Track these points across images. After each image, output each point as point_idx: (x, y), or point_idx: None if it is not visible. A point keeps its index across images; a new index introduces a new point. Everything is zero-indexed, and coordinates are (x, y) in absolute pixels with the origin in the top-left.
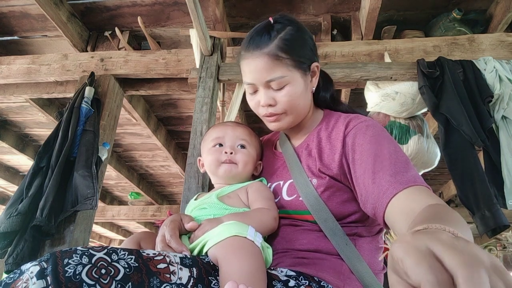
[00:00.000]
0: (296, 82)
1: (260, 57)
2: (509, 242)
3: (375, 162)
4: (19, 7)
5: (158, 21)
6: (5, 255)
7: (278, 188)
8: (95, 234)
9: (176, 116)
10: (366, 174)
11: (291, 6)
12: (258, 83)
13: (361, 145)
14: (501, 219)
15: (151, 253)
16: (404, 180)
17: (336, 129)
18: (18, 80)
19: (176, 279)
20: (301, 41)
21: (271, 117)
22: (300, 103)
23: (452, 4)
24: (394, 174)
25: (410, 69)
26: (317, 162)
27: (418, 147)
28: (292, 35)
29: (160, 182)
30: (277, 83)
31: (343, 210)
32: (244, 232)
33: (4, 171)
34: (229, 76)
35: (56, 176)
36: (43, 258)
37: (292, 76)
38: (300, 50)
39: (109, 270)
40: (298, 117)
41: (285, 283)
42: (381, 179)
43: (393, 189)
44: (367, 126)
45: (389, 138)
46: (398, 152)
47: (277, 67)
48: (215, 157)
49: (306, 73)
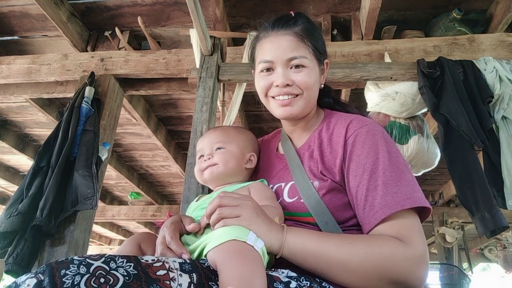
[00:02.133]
0: (313, 69)
1: (286, 35)
2: (509, 242)
3: (370, 179)
4: (19, 7)
5: (158, 21)
6: (5, 255)
7: (279, 190)
8: (95, 234)
9: (176, 116)
10: (360, 189)
11: (291, 6)
12: (279, 60)
13: (359, 156)
14: (500, 221)
15: (150, 259)
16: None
17: (336, 131)
18: (18, 80)
19: (176, 285)
20: (319, 35)
21: (284, 99)
22: (314, 90)
23: (452, 4)
24: (384, 195)
25: (410, 69)
26: (319, 164)
27: (418, 147)
28: (313, 27)
29: (160, 182)
30: (298, 62)
31: (344, 213)
32: (243, 236)
33: (4, 171)
34: (229, 76)
35: (56, 176)
36: (39, 270)
37: (312, 60)
38: (319, 41)
39: (108, 279)
40: (309, 106)
41: (287, 285)
42: (374, 199)
43: (381, 214)
44: (367, 132)
45: (386, 147)
46: (393, 166)
47: (301, 47)
48: (197, 168)
49: (320, 66)
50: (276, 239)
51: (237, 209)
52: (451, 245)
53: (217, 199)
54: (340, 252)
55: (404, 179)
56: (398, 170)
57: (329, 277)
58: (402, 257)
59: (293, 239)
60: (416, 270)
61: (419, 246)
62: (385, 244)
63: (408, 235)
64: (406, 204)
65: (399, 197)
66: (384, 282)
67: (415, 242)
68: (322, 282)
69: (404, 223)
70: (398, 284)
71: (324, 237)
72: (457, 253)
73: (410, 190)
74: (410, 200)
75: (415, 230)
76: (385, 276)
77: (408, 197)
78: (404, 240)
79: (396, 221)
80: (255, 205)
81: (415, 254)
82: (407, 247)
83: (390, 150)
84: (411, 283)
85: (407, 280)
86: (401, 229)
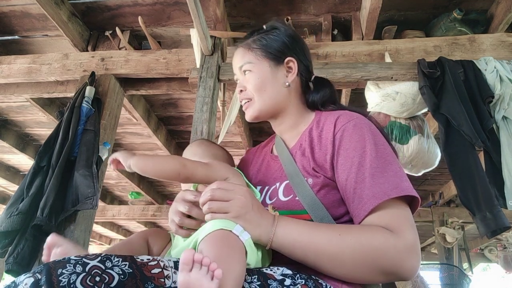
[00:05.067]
0: (263, 69)
1: (239, 48)
2: (510, 242)
3: (358, 172)
4: (20, 7)
5: (159, 21)
6: (5, 254)
7: (274, 190)
8: (96, 233)
9: (177, 115)
10: (348, 182)
11: (291, 6)
12: (236, 72)
13: (346, 150)
14: (502, 221)
15: (145, 258)
16: (379, 194)
17: (326, 128)
18: (18, 80)
19: (171, 283)
20: (276, 37)
21: (244, 104)
22: (266, 90)
23: (453, 4)
24: (372, 186)
25: (410, 69)
26: (311, 162)
27: (419, 147)
28: (269, 33)
29: (160, 181)
30: (245, 68)
31: (338, 209)
32: (230, 226)
33: (5, 170)
34: (229, 76)
35: (57, 175)
36: (37, 270)
37: (260, 63)
38: (272, 43)
39: (103, 278)
40: (266, 106)
41: (281, 282)
42: (362, 191)
43: (369, 204)
44: (354, 126)
45: (374, 140)
46: (380, 158)
47: (247, 54)
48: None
49: (277, 65)
50: (265, 232)
51: (227, 205)
52: (451, 245)
53: (209, 191)
54: (329, 244)
55: (391, 169)
56: (386, 161)
57: (319, 268)
58: (392, 247)
59: (282, 232)
60: (406, 260)
61: (409, 236)
62: (375, 234)
63: (398, 225)
64: (392, 193)
65: (385, 187)
66: (375, 273)
67: (405, 232)
68: (319, 280)
69: (393, 213)
70: (389, 274)
71: (314, 228)
72: (457, 253)
73: (398, 180)
74: (397, 189)
75: (405, 220)
76: (375, 267)
77: (395, 187)
78: (394, 230)
79: (386, 211)
80: (247, 199)
81: (405, 244)
82: (397, 237)
83: (377, 142)
84: (402, 273)
85: (398, 271)
86: (391, 219)
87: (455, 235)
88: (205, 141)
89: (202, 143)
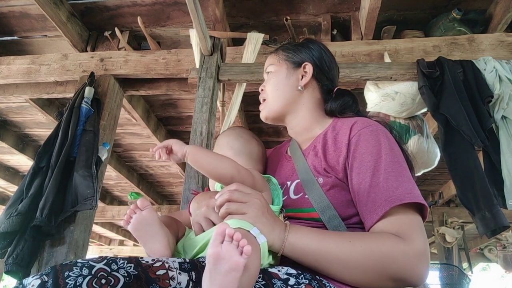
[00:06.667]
0: (280, 71)
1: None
2: (509, 242)
3: (373, 176)
4: (19, 7)
5: (158, 21)
6: (5, 255)
7: (286, 189)
8: (95, 234)
9: (176, 116)
10: (362, 186)
11: (291, 6)
12: (264, 74)
13: (362, 154)
14: (501, 220)
15: (150, 260)
16: (393, 198)
17: (341, 132)
18: (18, 80)
19: (176, 284)
20: (302, 46)
21: (261, 105)
22: (278, 90)
23: (452, 4)
24: (386, 191)
25: (410, 69)
26: (323, 162)
27: (418, 147)
28: (298, 43)
29: (160, 182)
30: (268, 69)
31: (347, 210)
32: (249, 227)
33: (4, 171)
34: (229, 76)
35: (56, 176)
36: (44, 272)
37: (280, 65)
38: (296, 50)
39: (109, 280)
40: (275, 105)
41: (285, 281)
42: (376, 195)
43: (383, 208)
44: (371, 132)
45: (389, 146)
46: (395, 163)
47: (272, 58)
48: None
49: (294, 68)
50: (278, 238)
51: (245, 207)
52: (451, 245)
53: (227, 193)
54: (339, 250)
55: (406, 175)
56: (400, 167)
57: (330, 274)
58: (401, 253)
59: (294, 238)
60: (416, 267)
61: (419, 242)
62: (385, 241)
63: (408, 232)
64: (406, 198)
65: (399, 192)
66: (384, 279)
67: (415, 239)
68: (322, 280)
69: (405, 220)
70: (398, 281)
71: (325, 235)
72: (457, 253)
73: (411, 186)
74: (410, 195)
75: (416, 227)
76: (385, 273)
77: (409, 192)
78: (404, 237)
79: (397, 217)
80: (263, 203)
81: (415, 250)
82: (407, 244)
83: (393, 148)
84: (411, 279)
85: (407, 277)
86: (402, 226)
87: (454, 235)
88: (243, 133)
89: (241, 136)
